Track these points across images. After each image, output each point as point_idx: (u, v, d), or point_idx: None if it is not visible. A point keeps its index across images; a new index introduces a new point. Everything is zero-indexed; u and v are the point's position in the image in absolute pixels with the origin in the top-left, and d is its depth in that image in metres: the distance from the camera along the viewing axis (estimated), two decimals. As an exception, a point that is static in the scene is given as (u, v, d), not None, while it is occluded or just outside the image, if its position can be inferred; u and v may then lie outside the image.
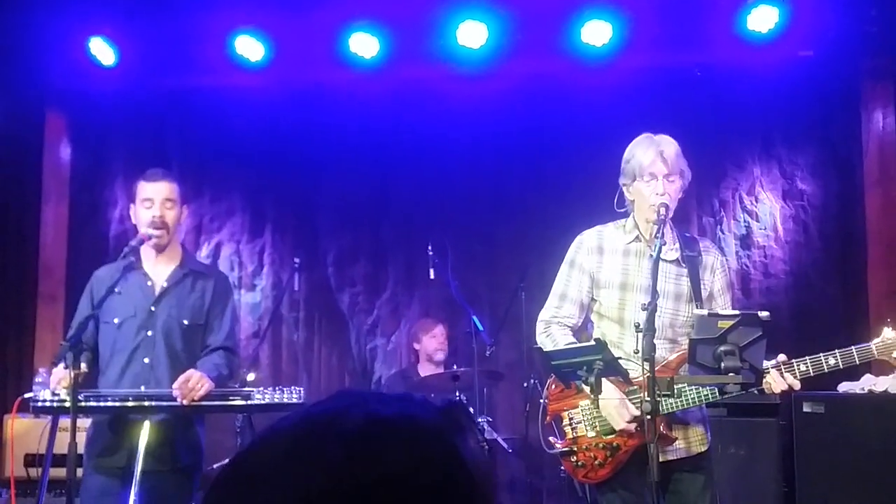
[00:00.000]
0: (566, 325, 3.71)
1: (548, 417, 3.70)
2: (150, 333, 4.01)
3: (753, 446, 4.96)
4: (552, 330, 3.72)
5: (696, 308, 3.50)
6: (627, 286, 3.60)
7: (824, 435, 4.89)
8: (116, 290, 3.96)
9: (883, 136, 6.43)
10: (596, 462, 3.57)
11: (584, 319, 3.76)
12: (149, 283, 4.09)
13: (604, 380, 3.40)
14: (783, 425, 5.05)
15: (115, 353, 4.00)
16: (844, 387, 5.08)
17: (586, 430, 3.60)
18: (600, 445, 3.57)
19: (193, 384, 3.80)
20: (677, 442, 3.55)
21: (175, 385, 3.80)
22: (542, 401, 3.73)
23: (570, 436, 3.63)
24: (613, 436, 3.55)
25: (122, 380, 3.96)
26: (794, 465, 4.94)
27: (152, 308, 4.04)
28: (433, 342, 6.42)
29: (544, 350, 3.43)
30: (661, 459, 3.50)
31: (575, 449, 3.61)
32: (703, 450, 3.61)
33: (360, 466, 0.83)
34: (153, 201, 4.06)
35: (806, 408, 4.89)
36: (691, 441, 3.59)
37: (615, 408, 3.49)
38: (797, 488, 4.91)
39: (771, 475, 4.99)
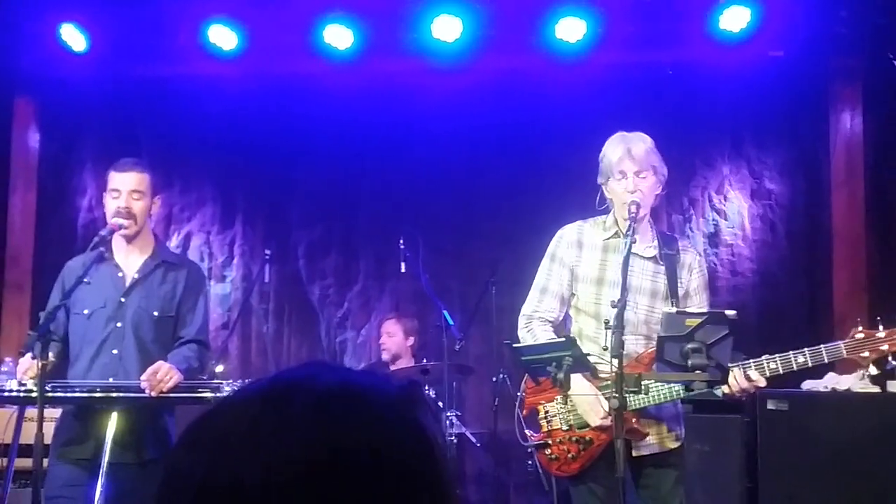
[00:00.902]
0: (547, 320, 3.74)
1: (524, 410, 3.73)
2: (119, 325, 3.98)
3: (718, 443, 5.02)
4: (533, 325, 3.75)
5: (672, 306, 3.54)
6: (604, 281, 3.63)
7: (788, 432, 4.95)
8: (86, 280, 3.93)
9: (850, 137, 6.52)
10: (569, 455, 3.61)
11: (566, 314, 3.79)
12: (119, 275, 4.06)
13: (579, 375, 3.44)
14: (747, 422, 5.11)
15: (85, 345, 3.97)
16: (808, 385, 5.15)
17: (561, 424, 3.64)
18: (574, 439, 3.61)
19: (162, 376, 3.78)
20: (649, 437, 3.59)
21: (143, 376, 3.78)
22: (518, 394, 3.76)
23: (544, 429, 3.67)
24: (587, 430, 3.59)
25: (90, 371, 3.93)
26: (758, 462, 5.00)
27: (122, 299, 4.01)
28: (381, 338, 6.46)
29: (514, 346, 3.46)
30: (633, 454, 3.56)
31: (549, 442, 3.65)
32: (675, 446, 3.65)
33: (328, 431, 0.84)
34: (121, 192, 4.03)
35: (770, 405, 4.95)
36: (664, 437, 3.63)
37: (589, 403, 3.53)
38: (760, 485, 4.98)
39: (735, 472, 5.05)
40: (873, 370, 3.54)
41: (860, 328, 3.47)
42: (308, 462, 0.82)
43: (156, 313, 4.05)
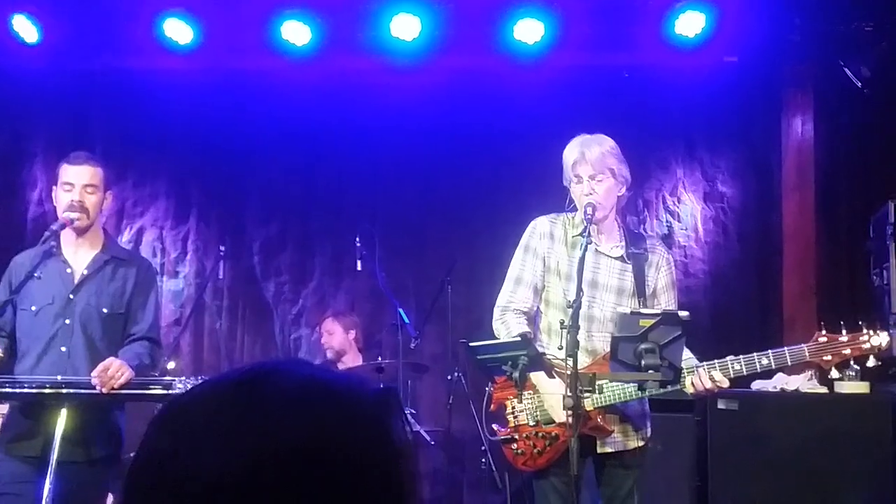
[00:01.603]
0: (521, 311, 3.75)
1: (493, 405, 3.75)
2: (67, 322, 3.93)
3: (669, 441, 5.07)
4: (507, 317, 3.76)
5: (640, 304, 3.58)
6: (571, 277, 3.64)
7: (737, 431, 5.03)
8: (36, 275, 3.87)
9: (801, 142, 6.63)
10: (535, 450, 3.64)
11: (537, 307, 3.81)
12: (68, 270, 4.00)
13: (542, 373, 3.47)
14: (698, 421, 5.17)
15: (32, 341, 3.91)
16: (758, 385, 5.24)
17: (528, 420, 3.67)
18: (540, 434, 3.64)
19: (113, 372, 3.73)
20: (615, 434, 3.63)
21: (94, 373, 3.73)
22: (487, 389, 3.78)
23: (511, 424, 3.70)
24: (553, 426, 3.61)
25: (37, 368, 3.87)
26: (708, 461, 5.07)
27: (71, 296, 3.95)
28: (322, 338, 6.46)
29: (470, 345, 3.47)
30: (598, 451, 3.59)
31: (516, 437, 3.67)
32: (639, 444, 3.69)
33: (299, 423, 0.84)
34: (74, 185, 3.97)
35: (720, 405, 5.02)
36: (629, 435, 3.67)
37: (556, 399, 3.55)
38: (710, 483, 5.05)
39: (685, 470, 5.12)
40: (835, 373, 3.60)
41: (823, 332, 3.52)
42: (277, 452, 0.83)
43: (105, 310, 3.99)
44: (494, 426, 3.74)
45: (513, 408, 3.71)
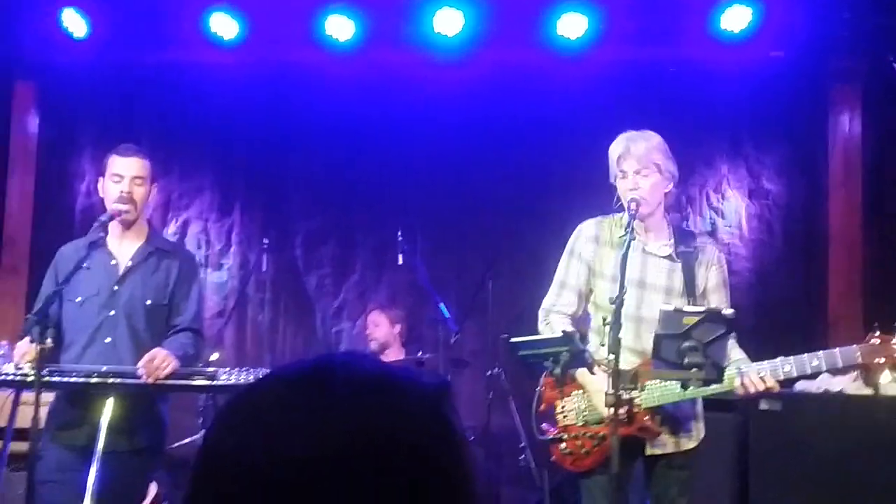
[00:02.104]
0: (566, 314, 3.74)
1: (542, 405, 3.73)
2: (112, 313, 3.97)
3: (710, 441, 5.01)
4: (551, 318, 3.75)
5: (689, 303, 3.52)
6: (618, 278, 3.60)
7: (780, 433, 4.96)
8: (85, 265, 3.92)
9: (848, 139, 6.54)
10: (583, 450, 3.62)
11: (585, 309, 3.79)
12: (113, 262, 4.04)
13: (594, 369, 3.45)
14: (739, 421, 5.12)
15: (77, 332, 3.96)
16: (801, 386, 5.16)
17: (576, 419, 3.65)
18: (588, 435, 3.62)
19: (159, 363, 3.78)
20: (665, 436, 3.58)
21: (140, 363, 3.78)
22: (538, 389, 3.76)
23: (560, 424, 3.68)
24: (601, 425, 3.58)
25: (83, 358, 3.92)
26: (749, 462, 5.01)
27: (115, 287, 4.00)
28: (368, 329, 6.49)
29: (511, 340, 3.46)
30: (647, 453, 3.56)
31: (564, 437, 3.65)
32: (691, 446, 3.64)
33: (366, 417, 0.86)
34: (123, 177, 4.02)
35: (763, 405, 4.96)
36: (680, 437, 3.62)
37: (602, 396, 3.53)
38: (751, 485, 4.99)
39: (726, 471, 5.06)
40: (887, 376, 3.51)
41: (877, 332, 3.42)
42: (349, 443, 0.84)
43: (149, 302, 4.04)
44: (544, 425, 3.72)
45: (562, 407, 3.69)
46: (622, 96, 6.57)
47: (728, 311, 3.23)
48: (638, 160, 3.59)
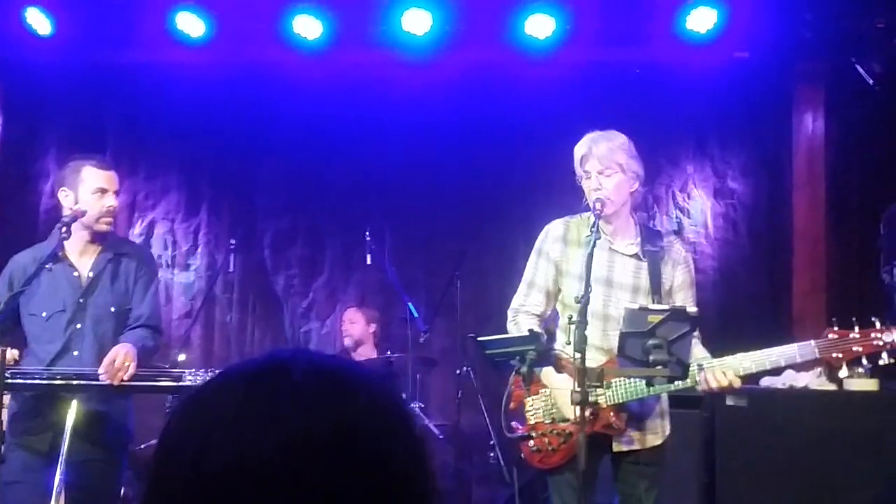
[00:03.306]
0: (534, 314, 3.76)
1: (512, 403, 3.75)
2: (79, 326, 3.95)
3: (676, 437, 5.06)
4: (520, 318, 3.77)
5: (654, 302, 3.55)
6: (584, 277, 3.63)
7: (746, 428, 5.02)
8: (45, 279, 3.88)
9: (812, 139, 6.62)
10: (550, 448, 3.64)
11: (554, 309, 3.81)
12: (75, 274, 4.00)
13: (551, 369, 3.47)
14: (706, 417, 5.16)
15: (43, 345, 3.92)
16: (766, 381, 5.23)
17: (544, 417, 3.67)
18: (555, 432, 3.64)
19: (120, 364, 3.75)
20: (631, 433, 3.61)
21: (101, 367, 3.75)
22: (507, 387, 3.77)
23: (529, 422, 3.70)
24: (567, 423, 3.61)
25: (48, 371, 3.89)
26: (716, 458, 5.06)
27: (81, 300, 3.97)
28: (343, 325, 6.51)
29: (479, 339, 3.48)
30: (614, 450, 3.58)
31: (532, 434, 3.67)
32: (657, 443, 3.67)
33: (326, 410, 0.86)
34: (108, 191, 4.00)
35: (729, 401, 5.01)
36: (646, 433, 3.64)
37: (566, 396, 3.55)
38: (717, 480, 5.04)
39: (693, 466, 5.11)
40: (844, 371, 3.54)
41: (834, 328, 3.45)
42: (309, 436, 0.84)
43: (113, 308, 4.02)
44: (514, 423, 3.74)
45: (531, 405, 3.71)
46: (589, 96, 6.60)
47: (692, 310, 3.26)
48: (600, 160, 3.62)
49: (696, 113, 6.89)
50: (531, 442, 3.69)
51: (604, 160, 3.61)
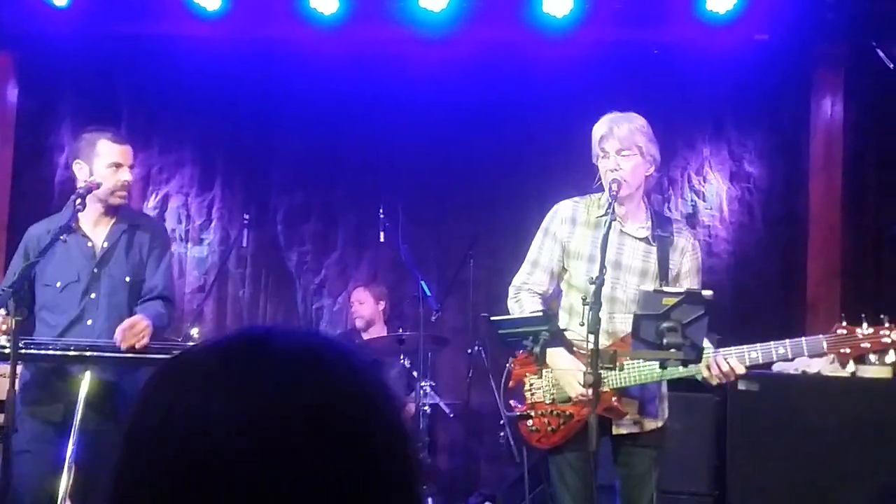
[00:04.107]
0: (536, 293, 3.76)
1: (511, 382, 3.76)
2: (93, 296, 3.97)
3: (688, 421, 5.07)
4: (521, 296, 3.76)
5: (661, 286, 3.53)
6: (594, 258, 3.59)
7: (757, 413, 5.01)
8: (60, 249, 3.89)
9: (830, 124, 6.56)
10: (549, 428, 3.65)
11: (556, 288, 3.81)
12: (89, 245, 4.02)
13: (562, 349, 3.47)
14: (718, 402, 5.16)
15: (58, 315, 3.94)
16: (779, 367, 5.21)
17: (544, 397, 3.67)
18: (555, 413, 3.64)
19: (137, 331, 3.78)
20: (630, 416, 3.60)
21: (118, 331, 3.78)
22: (507, 365, 3.78)
23: (528, 401, 3.70)
24: (568, 404, 3.61)
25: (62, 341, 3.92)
26: (727, 442, 5.06)
27: (95, 270, 3.99)
28: (353, 307, 6.51)
29: (491, 319, 3.47)
30: (613, 432, 3.59)
31: (532, 414, 3.68)
32: (655, 426, 3.67)
33: (306, 382, 0.85)
34: (123, 165, 4.01)
35: (741, 385, 5.00)
36: (646, 417, 3.64)
37: (570, 376, 3.55)
38: (728, 464, 5.04)
39: (704, 450, 5.11)
40: (852, 366, 3.53)
41: (843, 323, 3.43)
42: (286, 407, 0.82)
43: (128, 279, 4.04)
44: (512, 402, 3.76)
45: (531, 384, 3.72)
46: (606, 77, 6.56)
47: (707, 293, 3.24)
48: (620, 141, 3.60)
49: (713, 95, 6.84)
50: (530, 422, 3.69)
51: (624, 140, 3.59)
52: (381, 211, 6.00)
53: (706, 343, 3.48)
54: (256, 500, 0.80)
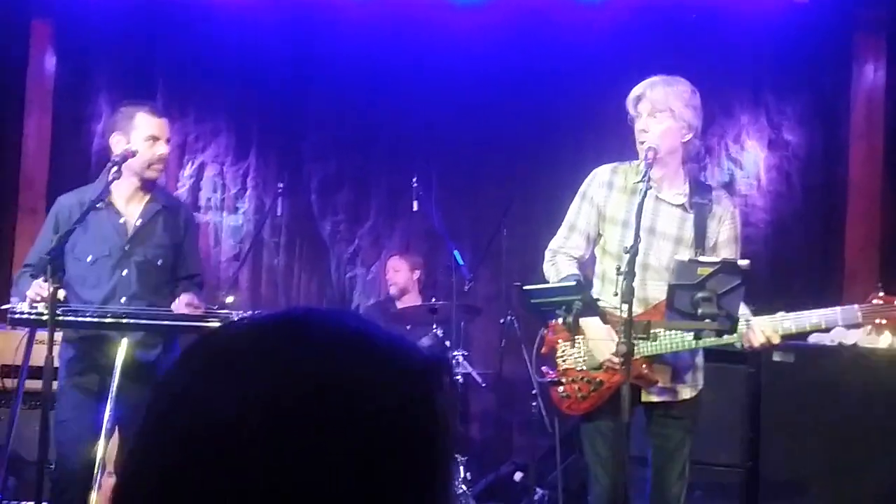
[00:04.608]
0: (572, 256, 3.74)
1: (545, 348, 3.76)
2: (125, 273, 4.00)
3: (721, 392, 5.03)
4: (558, 259, 3.76)
5: (697, 255, 3.49)
6: (629, 224, 3.55)
7: (792, 385, 4.97)
8: (89, 223, 3.92)
9: (871, 90, 6.43)
10: (579, 395, 3.65)
11: (592, 253, 3.79)
12: (121, 221, 4.05)
13: (596, 318, 3.45)
14: (752, 373, 5.11)
15: (89, 290, 3.99)
16: (814, 338, 5.15)
17: (575, 364, 3.67)
18: (585, 379, 3.64)
19: (192, 310, 3.85)
20: (664, 384, 3.59)
21: (180, 303, 3.86)
22: (540, 332, 3.78)
23: (560, 367, 3.70)
24: (599, 372, 3.60)
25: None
26: (761, 413, 5.02)
27: (126, 247, 4.02)
28: (388, 274, 6.53)
29: (524, 288, 3.46)
30: (643, 399, 3.57)
31: (563, 380, 3.68)
32: (689, 396, 3.65)
33: (338, 368, 0.82)
34: (160, 139, 4.03)
35: (776, 356, 4.95)
36: (678, 386, 3.62)
37: (602, 339, 3.54)
38: (762, 436, 5.00)
39: (737, 422, 5.08)
40: (888, 337, 3.47)
41: (880, 293, 3.38)
42: (316, 389, 0.81)
43: (160, 262, 4.08)
44: (544, 368, 3.76)
45: (563, 351, 3.71)
46: (643, 42, 6.47)
47: (743, 263, 3.20)
48: (653, 102, 3.56)
49: (752, 61, 6.72)
50: (560, 388, 3.70)
51: (657, 103, 3.55)
52: (414, 180, 5.98)
53: (745, 310, 3.45)
54: (267, 484, 0.78)
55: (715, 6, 6.56)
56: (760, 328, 3.37)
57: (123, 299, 3.98)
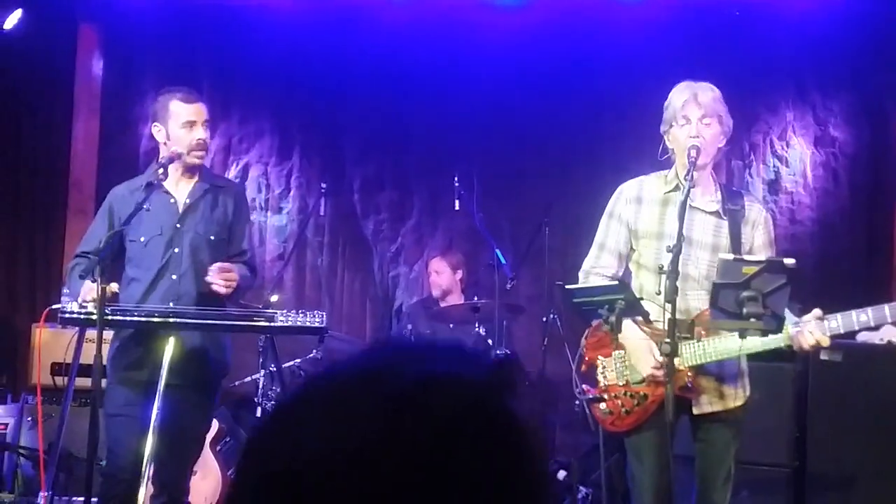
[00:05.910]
0: (605, 276, 3.70)
1: (584, 366, 3.71)
2: (177, 251, 4.05)
3: (768, 391, 4.98)
4: (591, 280, 3.72)
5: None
6: (663, 235, 3.52)
7: (839, 384, 4.90)
8: (145, 206, 4.00)
9: (920, 86, 6.33)
10: (623, 410, 3.58)
11: (625, 270, 3.75)
12: (172, 201, 4.11)
13: (634, 325, 3.42)
14: (799, 371, 5.05)
15: (143, 271, 4.04)
16: (863, 337, 5.07)
17: (617, 379, 3.62)
18: (629, 394, 3.58)
19: (229, 277, 3.89)
20: (709, 396, 3.52)
21: (214, 267, 3.88)
22: (579, 350, 3.75)
23: (601, 384, 3.65)
24: (642, 385, 3.55)
25: (148, 295, 4.01)
26: (808, 413, 4.96)
27: (178, 225, 4.07)
28: (430, 276, 6.53)
29: (566, 287, 3.45)
30: (694, 412, 3.52)
31: (605, 397, 3.62)
32: (737, 404, 3.60)
33: (405, 425, 0.83)
34: (196, 123, 4.06)
35: (823, 356, 4.88)
36: (727, 396, 3.56)
37: (642, 351, 3.50)
38: (809, 435, 4.94)
39: (783, 421, 5.02)
40: None
41: None
42: (399, 445, 0.82)
43: (212, 237, 4.11)
44: (585, 386, 3.70)
45: (603, 367, 3.67)
46: (686, 39, 6.43)
47: (789, 261, 3.15)
48: (704, 108, 3.51)
49: (797, 57, 6.64)
50: (602, 405, 3.62)
51: (707, 108, 3.50)
52: (455, 179, 6.00)
53: (790, 316, 3.40)
54: None
55: (758, 3, 6.49)
56: (809, 330, 3.32)
57: (175, 276, 4.03)
